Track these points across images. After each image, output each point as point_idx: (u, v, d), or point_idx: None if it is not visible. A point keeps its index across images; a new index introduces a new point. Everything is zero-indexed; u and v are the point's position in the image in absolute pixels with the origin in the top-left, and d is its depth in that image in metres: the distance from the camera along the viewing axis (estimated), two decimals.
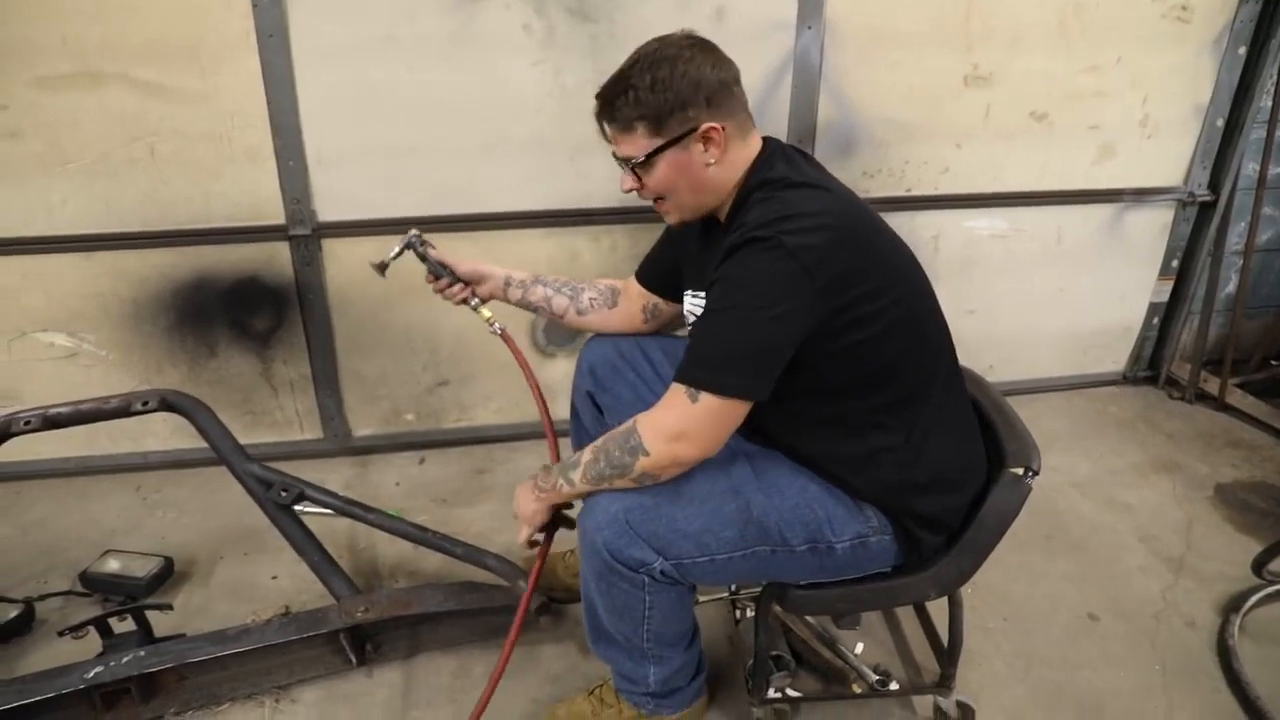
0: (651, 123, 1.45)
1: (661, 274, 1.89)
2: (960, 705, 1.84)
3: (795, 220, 1.35)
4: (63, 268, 2.53)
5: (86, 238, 2.49)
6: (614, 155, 1.55)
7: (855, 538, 1.53)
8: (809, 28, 2.59)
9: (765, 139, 1.56)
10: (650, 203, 1.59)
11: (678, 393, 1.39)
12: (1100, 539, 2.50)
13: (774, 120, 2.69)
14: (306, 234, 2.57)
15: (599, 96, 1.50)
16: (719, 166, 1.49)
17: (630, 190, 1.56)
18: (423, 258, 1.92)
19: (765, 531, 1.49)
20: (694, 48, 1.45)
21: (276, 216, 2.55)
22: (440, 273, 1.92)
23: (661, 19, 2.49)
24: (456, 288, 1.93)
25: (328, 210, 2.58)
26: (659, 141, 1.45)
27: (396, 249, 1.90)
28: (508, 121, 2.55)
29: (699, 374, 1.38)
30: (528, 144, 2.59)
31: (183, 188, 2.48)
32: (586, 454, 1.49)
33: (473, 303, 1.95)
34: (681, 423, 1.39)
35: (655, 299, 1.93)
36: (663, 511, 1.45)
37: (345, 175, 2.55)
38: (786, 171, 1.48)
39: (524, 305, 1.99)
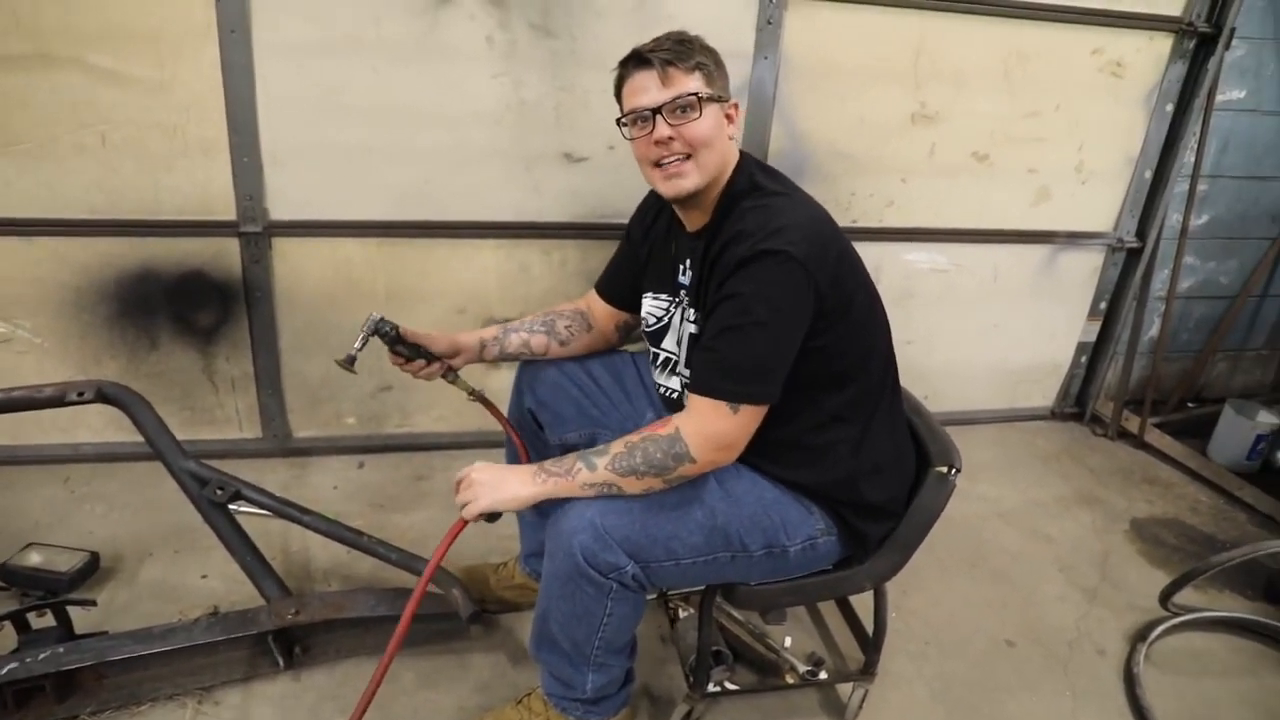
0: (709, 73, 1.54)
1: (629, 290, 1.93)
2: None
3: (794, 230, 1.45)
4: (0, 251, 2.47)
5: (28, 222, 2.44)
6: (634, 113, 1.55)
7: (806, 540, 1.63)
8: (765, 58, 2.66)
9: (740, 151, 1.66)
10: (663, 160, 1.55)
11: (718, 407, 1.46)
12: (1021, 568, 2.60)
13: None
14: (257, 231, 2.55)
15: (656, 44, 1.54)
16: (729, 148, 1.59)
17: (666, 139, 1.52)
18: (393, 342, 1.82)
19: (727, 538, 1.57)
20: None
21: (227, 212, 2.52)
22: (414, 355, 1.84)
23: (622, 38, 2.50)
24: (434, 366, 1.90)
25: (280, 209, 2.56)
26: (712, 92, 1.54)
27: (360, 338, 1.78)
28: (466, 131, 2.56)
29: (737, 388, 1.46)
30: (485, 155, 2.61)
31: (132, 177, 2.44)
32: (617, 445, 1.50)
33: (450, 377, 1.93)
34: (729, 435, 1.48)
35: (625, 316, 1.98)
36: (635, 517, 1.50)
37: (300, 175, 2.53)
38: (768, 181, 1.60)
39: (504, 358, 1.97)
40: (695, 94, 1.51)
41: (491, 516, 1.56)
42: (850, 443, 1.61)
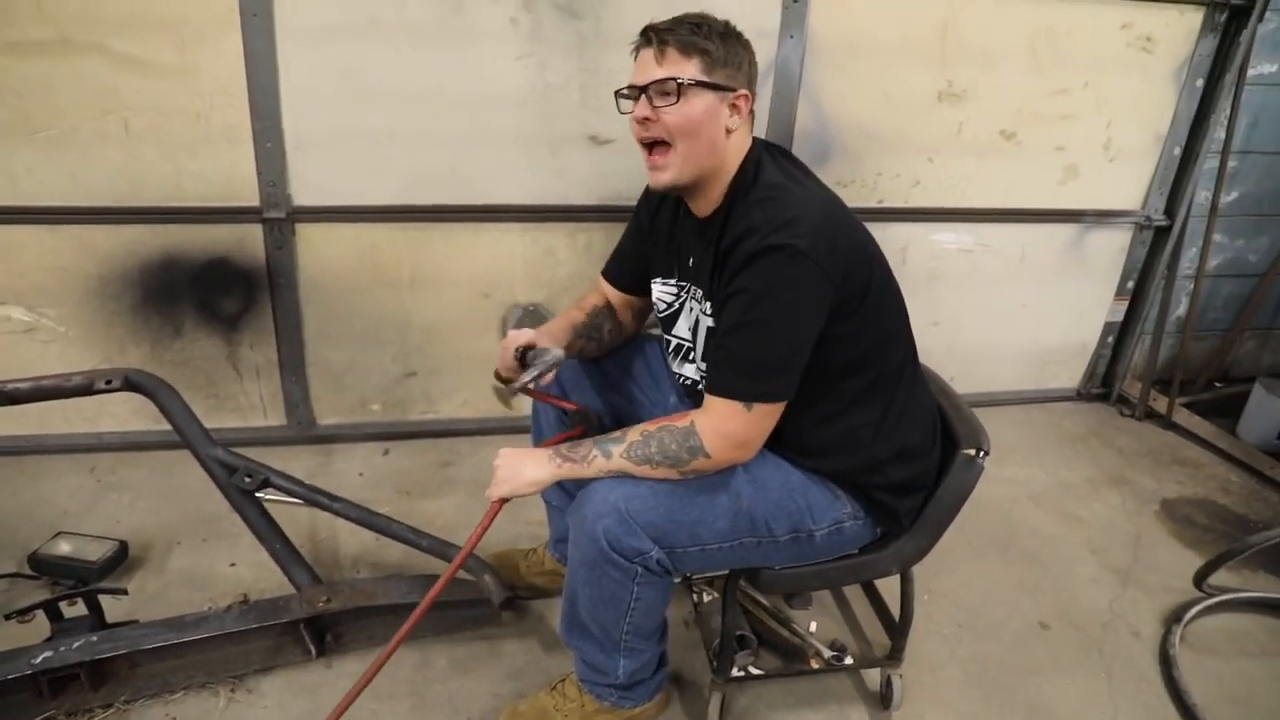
0: (710, 60, 1.48)
1: (640, 275, 1.89)
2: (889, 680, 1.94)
3: (802, 223, 1.41)
4: (25, 239, 2.46)
5: (52, 210, 2.43)
6: (631, 88, 1.53)
7: (833, 524, 1.62)
8: (791, 37, 2.62)
9: (754, 138, 1.62)
10: (645, 141, 1.54)
11: (731, 406, 1.45)
12: (1053, 550, 2.57)
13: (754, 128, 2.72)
14: (281, 217, 2.54)
15: (669, 23, 1.51)
16: (731, 140, 1.53)
17: (642, 119, 1.51)
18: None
19: (753, 523, 1.55)
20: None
21: (251, 198, 2.51)
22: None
23: (647, 19, 2.46)
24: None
25: (303, 194, 2.55)
26: (707, 79, 1.48)
27: (537, 372, 1.65)
28: (490, 114, 2.54)
29: (749, 386, 1.44)
30: (509, 137, 2.58)
31: (156, 164, 2.43)
32: (633, 434, 1.50)
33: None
34: (744, 433, 1.47)
35: (637, 300, 1.95)
36: (660, 502, 1.49)
37: (323, 160, 2.52)
38: (775, 171, 1.55)
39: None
40: (676, 79, 1.46)
41: None
42: (871, 427, 1.59)
